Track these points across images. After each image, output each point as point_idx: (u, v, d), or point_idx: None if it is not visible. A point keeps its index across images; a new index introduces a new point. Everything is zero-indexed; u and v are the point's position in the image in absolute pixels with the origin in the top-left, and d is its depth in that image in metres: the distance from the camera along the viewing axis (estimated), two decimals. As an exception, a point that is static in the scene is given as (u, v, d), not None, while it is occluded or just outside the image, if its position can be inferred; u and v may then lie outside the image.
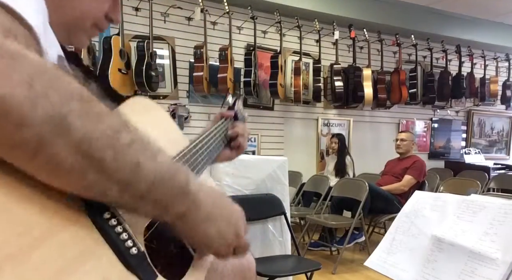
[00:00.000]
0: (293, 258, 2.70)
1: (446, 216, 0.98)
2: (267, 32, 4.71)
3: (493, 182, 4.80)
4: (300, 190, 4.42)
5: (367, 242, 3.88)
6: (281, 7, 4.49)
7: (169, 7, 4.13)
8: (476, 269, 0.83)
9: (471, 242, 0.87)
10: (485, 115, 6.68)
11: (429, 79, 5.61)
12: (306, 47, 4.82)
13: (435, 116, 6.21)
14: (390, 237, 1.07)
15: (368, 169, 4.93)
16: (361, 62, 5.03)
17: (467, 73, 5.81)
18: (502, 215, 0.88)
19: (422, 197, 1.10)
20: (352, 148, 5.32)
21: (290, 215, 2.82)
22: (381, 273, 1.02)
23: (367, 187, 3.66)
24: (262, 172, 2.66)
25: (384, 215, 3.88)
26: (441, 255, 0.92)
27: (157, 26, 3.94)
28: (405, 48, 5.42)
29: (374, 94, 5.03)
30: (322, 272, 3.04)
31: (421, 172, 4.08)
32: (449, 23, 5.62)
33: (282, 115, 4.97)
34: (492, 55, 6.08)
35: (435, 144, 6.26)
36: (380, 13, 5.11)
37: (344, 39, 4.95)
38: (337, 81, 4.91)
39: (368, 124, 5.62)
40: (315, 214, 3.90)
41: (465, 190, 3.59)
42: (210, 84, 4.11)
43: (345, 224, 3.80)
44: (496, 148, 6.89)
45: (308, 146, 5.21)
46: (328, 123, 5.33)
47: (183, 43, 4.25)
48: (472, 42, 5.80)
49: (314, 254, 3.98)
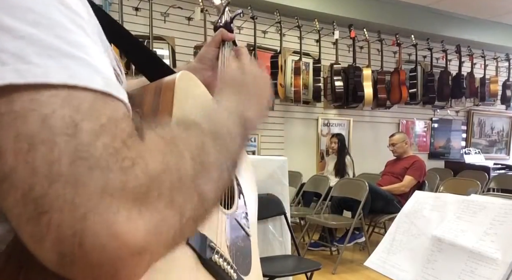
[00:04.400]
0: (293, 258, 2.70)
1: (446, 216, 0.98)
2: (267, 32, 4.71)
3: (493, 182, 4.80)
4: (300, 190, 4.42)
5: (367, 242, 3.88)
6: (281, 7, 4.49)
7: (169, 7, 4.13)
8: (476, 269, 0.83)
9: (471, 242, 0.87)
10: (485, 115, 6.68)
11: (429, 79, 5.61)
12: (306, 47, 4.82)
13: (435, 116, 6.21)
14: (390, 237, 1.07)
15: (368, 169, 4.93)
16: (361, 62, 5.03)
17: (467, 73, 5.81)
18: (502, 215, 0.88)
19: (422, 197, 1.10)
20: (352, 148, 5.32)
21: (290, 215, 2.82)
22: (381, 273, 1.02)
23: (367, 187, 3.66)
24: (262, 172, 2.65)
25: (384, 215, 3.88)
26: (441, 255, 0.92)
27: (157, 26, 3.94)
28: (405, 48, 5.42)
29: (374, 94, 5.04)
30: (322, 272, 3.04)
31: (421, 172, 4.08)
32: (449, 23, 5.62)
33: (282, 115, 4.97)
34: (492, 55, 6.08)
35: (435, 144, 6.26)
36: (380, 13, 5.11)
37: (344, 39, 4.95)
38: (337, 81, 4.91)
39: (368, 124, 5.62)
40: (315, 214, 3.91)
41: (465, 190, 3.59)
42: (210, 84, 4.11)
43: (345, 224, 3.80)
44: (496, 148, 6.89)
45: (308, 146, 5.21)
46: (328, 123, 5.34)
47: (183, 43, 4.25)
48: (472, 42, 5.80)
49: (314, 254, 3.98)
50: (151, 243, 0.30)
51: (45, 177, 0.27)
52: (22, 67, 0.29)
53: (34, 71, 0.29)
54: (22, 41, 0.29)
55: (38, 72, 0.29)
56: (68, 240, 0.27)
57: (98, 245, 0.28)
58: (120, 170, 0.29)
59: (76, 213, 0.27)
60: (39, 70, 0.29)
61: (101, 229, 0.28)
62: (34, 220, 0.28)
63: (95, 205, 0.28)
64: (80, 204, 0.27)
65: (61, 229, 0.27)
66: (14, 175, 0.28)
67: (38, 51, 0.29)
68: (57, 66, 0.30)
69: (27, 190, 0.27)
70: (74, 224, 0.27)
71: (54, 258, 0.28)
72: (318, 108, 5.22)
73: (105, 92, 0.32)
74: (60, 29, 0.31)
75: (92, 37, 0.35)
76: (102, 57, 0.34)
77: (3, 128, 0.28)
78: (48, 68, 0.29)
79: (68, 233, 0.27)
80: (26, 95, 0.28)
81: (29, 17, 0.30)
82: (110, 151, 0.29)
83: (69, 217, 0.27)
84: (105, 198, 0.28)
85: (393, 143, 4.30)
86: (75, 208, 0.27)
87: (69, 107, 0.29)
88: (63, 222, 0.27)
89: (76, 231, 0.27)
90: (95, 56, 0.33)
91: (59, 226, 0.27)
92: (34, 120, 0.28)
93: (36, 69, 0.29)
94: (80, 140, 0.29)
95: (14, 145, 0.28)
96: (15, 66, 0.28)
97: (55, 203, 0.27)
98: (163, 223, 0.30)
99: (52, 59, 0.30)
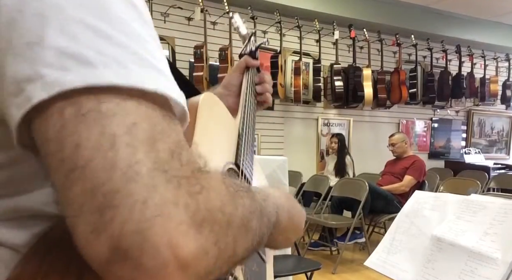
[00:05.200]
0: (293, 258, 2.70)
1: (446, 216, 0.98)
2: (267, 32, 4.71)
3: (493, 182, 4.80)
4: (300, 190, 4.42)
5: (367, 242, 3.88)
6: (281, 7, 4.49)
7: (169, 7, 4.13)
8: (476, 269, 0.83)
9: (471, 242, 0.87)
10: (485, 115, 6.68)
11: (429, 79, 5.61)
12: (306, 47, 4.82)
13: (435, 116, 6.21)
14: (390, 237, 1.07)
15: (368, 169, 4.93)
16: (361, 62, 5.03)
17: (467, 73, 5.82)
18: (502, 215, 0.88)
19: (422, 197, 1.10)
20: (352, 148, 5.32)
21: (290, 215, 2.81)
22: (381, 273, 1.02)
23: (367, 187, 3.66)
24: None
25: (384, 215, 3.89)
26: (441, 255, 0.92)
27: (157, 26, 3.86)
28: (405, 48, 5.43)
29: (374, 94, 5.04)
30: (322, 272, 3.04)
31: (421, 172, 4.08)
32: (449, 23, 5.62)
33: (282, 115, 4.97)
34: (492, 55, 6.08)
35: (435, 144, 6.26)
36: (380, 13, 5.11)
37: (344, 39, 4.96)
38: (337, 81, 4.91)
39: (368, 124, 5.62)
40: (315, 214, 3.91)
41: (465, 190, 3.59)
42: (210, 84, 4.11)
43: (345, 224, 3.80)
44: (496, 148, 6.89)
45: (308, 146, 5.21)
46: (328, 123, 5.34)
47: (183, 43, 4.25)
48: (472, 42, 5.81)
49: (314, 254, 3.98)
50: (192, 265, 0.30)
51: (123, 175, 0.28)
52: (121, 71, 0.31)
53: (132, 76, 0.31)
54: (120, 49, 0.31)
55: (135, 77, 0.31)
56: (130, 236, 0.28)
57: (156, 248, 0.28)
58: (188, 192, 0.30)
59: (146, 213, 0.28)
60: (136, 76, 0.31)
61: (163, 235, 0.28)
62: (99, 212, 0.28)
63: (165, 211, 0.29)
64: (151, 207, 0.28)
65: (126, 225, 0.28)
66: (88, 166, 0.28)
67: (133, 60, 0.32)
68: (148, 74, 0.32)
69: (100, 183, 0.28)
70: (141, 223, 0.28)
71: (105, 252, 0.28)
72: (318, 108, 5.22)
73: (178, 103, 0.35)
74: (145, 42, 0.34)
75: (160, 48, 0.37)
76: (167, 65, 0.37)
77: (87, 124, 0.29)
78: (142, 75, 0.32)
79: (131, 229, 0.28)
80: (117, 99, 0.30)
81: (122, 28, 0.32)
82: (182, 174, 0.31)
83: (138, 216, 0.28)
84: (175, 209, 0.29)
85: (392, 143, 4.30)
86: (146, 208, 0.28)
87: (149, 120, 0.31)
88: (130, 220, 0.28)
89: (140, 230, 0.28)
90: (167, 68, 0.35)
91: (124, 222, 0.28)
92: (120, 124, 0.29)
93: (134, 74, 0.31)
94: (158, 154, 0.30)
95: (95, 141, 0.29)
96: (116, 69, 0.30)
97: (127, 200, 0.28)
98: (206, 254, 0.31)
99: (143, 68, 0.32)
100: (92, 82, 0.29)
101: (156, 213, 0.28)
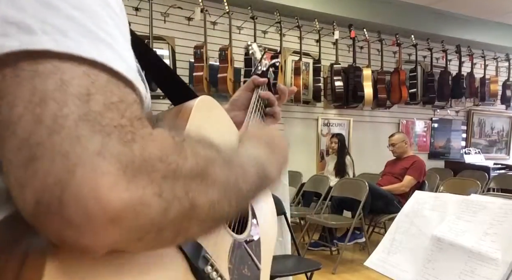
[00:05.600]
0: (293, 258, 2.70)
1: (446, 216, 0.98)
2: (267, 32, 4.71)
3: (493, 182, 4.81)
4: (300, 190, 4.42)
5: (367, 242, 3.88)
6: (281, 7, 4.49)
7: (169, 7, 4.13)
8: (476, 269, 0.83)
9: (471, 242, 0.87)
10: (485, 115, 6.68)
11: (429, 79, 5.61)
12: (306, 47, 4.82)
13: (435, 116, 6.21)
14: (390, 237, 1.07)
15: (368, 169, 4.93)
16: (361, 62, 5.03)
17: (467, 73, 5.81)
18: (502, 215, 0.88)
19: (422, 197, 1.10)
20: (352, 148, 5.32)
21: (290, 215, 2.82)
22: (381, 273, 1.02)
23: (367, 187, 3.66)
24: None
25: (384, 215, 3.88)
26: (441, 255, 0.92)
27: (157, 26, 3.93)
28: (405, 48, 5.42)
29: (374, 94, 5.04)
30: (322, 272, 3.04)
31: (421, 172, 4.08)
32: (449, 23, 5.62)
33: (282, 115, 4.85)
34: (492, 55, 6.08)
35: (435, 144, 6.26)
36: (380, 13, 5.11)
37: (344, 39, 4.95)
38: (337, 81, 4.91)
39: (368, 124, 5.62)
40: (315, 214, 3.91)
41: (465, 190, 3.59)
42: (210, 84, 4.11)
43: (345, 224, 3.80)
44: (496, 148, 6.89)
45: (308, 146, 5.21)
46: (328, 123, 5.34)
47: (183, 43, 4.25)
48: (472, 42, 5.80)
49: (314, 254, 3.98)
50: (127, 217, 0.29)
51: (46, 128, 0.28)
52: (60, 38, 0.31)
53: (69, 44, 0.31)
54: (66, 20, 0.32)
55: (72, 45, 0.31)
56: (49, 188, 0.28)
57: (76, 200, 0.28)
58: (120, 140, 0.30)
59: (66, 164, 0.28)
60: (74, 44, 0.32)
61: (85, 186, 0.28)
62: (24, 166, 0.28)
63: (87, 162, 0.28)
64: (72, 158, 0.28)
65: (46, 177, 0.28)
66: (18, 123, 0.29)
67: (77, 30, 0.32)
68: (89, 44, 0.32)
69: (26, 137, 0.28)
70: (60, 174, 0.28)
71: (31, 205, 0.28)
72: (318, 108, 5.22)
73: (124, 77, 0.34)
74: (98, 19, 0.34)
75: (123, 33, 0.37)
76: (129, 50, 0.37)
77: (21, 83, 0.30)
78: (82, 44, 0.32)
79: (50, 182, 0.28)
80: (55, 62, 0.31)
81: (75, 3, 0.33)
82: (115, 124, 0.30)
83: (58, 167, 0.28)
84: (98, 159, 0.28)
85: (392, 143, 4.30)
86: (66, 160, 0.28)
87: (87, 79, 0.31)
88: (50, 171, 0.28)
89: (59, 181, 0.28)
90: (123, 48, 0.36)
91: (45, 174, 0.28)
92: (52, 82, 0.30)
93: (71, 42, 0.32)
94: (89, 108, 0.30)
95: (27, 98, 0.29)
96: (54, 36, 0.31)
97: (49, 152, 0.28)
98: (145, 205, 0.30)
99: (86, 38, 0.33)
100: (29, 47, 0.30)
101: (76, 163, 0.28)
